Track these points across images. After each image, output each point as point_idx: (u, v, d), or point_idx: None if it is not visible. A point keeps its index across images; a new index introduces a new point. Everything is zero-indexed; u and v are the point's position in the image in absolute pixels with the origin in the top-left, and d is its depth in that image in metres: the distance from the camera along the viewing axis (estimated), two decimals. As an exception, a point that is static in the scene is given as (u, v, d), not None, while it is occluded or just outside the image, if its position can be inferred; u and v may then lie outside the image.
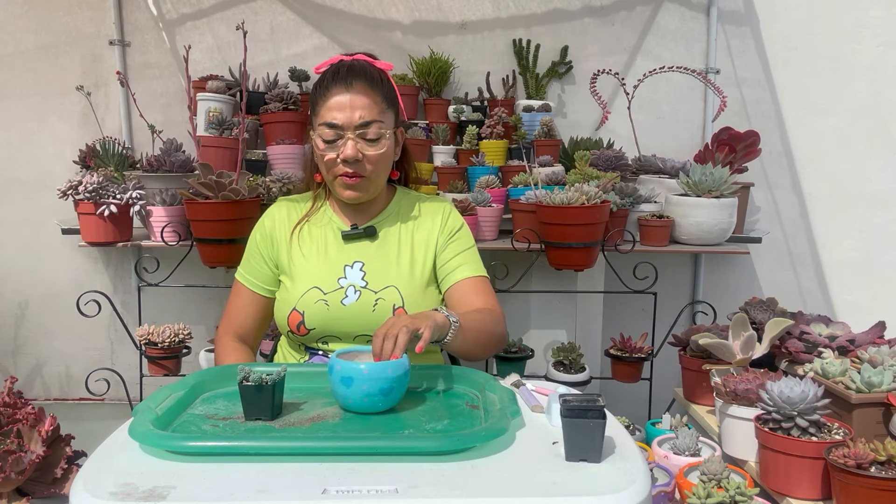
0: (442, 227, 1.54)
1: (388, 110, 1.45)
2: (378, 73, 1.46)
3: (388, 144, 1.45)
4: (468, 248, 1.57)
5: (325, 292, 1.45)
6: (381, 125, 1.42)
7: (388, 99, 1.45)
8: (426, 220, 1.55)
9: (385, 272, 1.47)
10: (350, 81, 1.41)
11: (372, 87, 1.42)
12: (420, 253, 1.51)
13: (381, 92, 1.43)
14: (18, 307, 2.71)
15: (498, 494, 0.88)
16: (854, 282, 2.65)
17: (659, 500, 1.40)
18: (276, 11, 2.62)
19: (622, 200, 2.26)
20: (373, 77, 1.43)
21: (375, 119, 1.41)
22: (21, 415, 1.34)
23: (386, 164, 1.48)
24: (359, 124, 1.40)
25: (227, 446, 0.99)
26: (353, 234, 1.50)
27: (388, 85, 1.47)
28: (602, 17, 2.62)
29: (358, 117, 1.40)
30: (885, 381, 1.45)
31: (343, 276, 1.47)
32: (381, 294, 1.45)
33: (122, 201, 2.22)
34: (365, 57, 1.49)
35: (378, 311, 1.44)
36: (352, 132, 1.41)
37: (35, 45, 2.59)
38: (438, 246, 1.53)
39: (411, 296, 1.46)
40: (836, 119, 2.60)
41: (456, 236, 1.55)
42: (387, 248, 1.51)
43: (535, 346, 2.37)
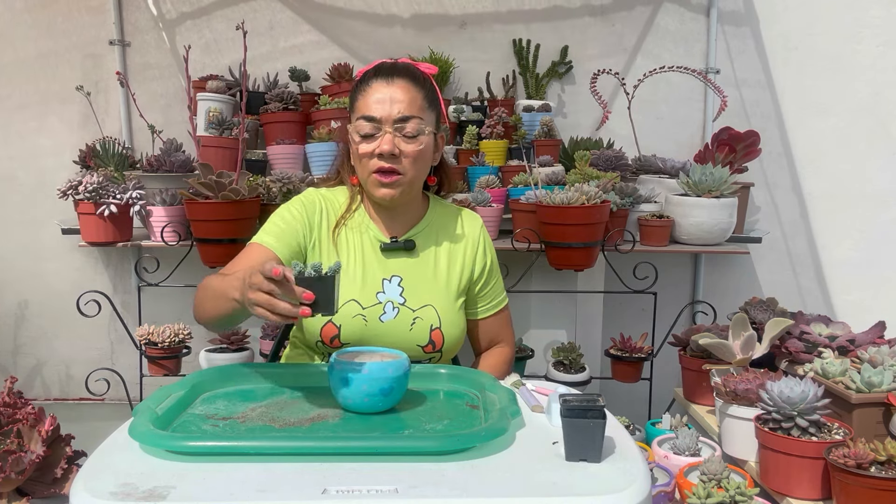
0: (479, 251, 1.53)
1: (430, 110, 1.42)
2: (421, 74, 1.44)
3: (426, 142, 1.40)
4: (498, 275, 1.59)
5: (363, 307, 1.40)
6: (420, 122, 1.38)
7: (430, 99, 1.42)
8: (462, 237, 1.52)
9: (423, 290, 1.44)
10: (392, 77, 1.39)
11: (414, 84, 1.39)
12: (456, 271, 1.49)
13: (422, 90, 1.41)
14: (18, 307, 2.71)
15: (498, 494, 0.88)
16: (854, 282, 2.65)
17: (659, 500, 1.40)
18: (275, 9, 2.61)
19: (622, 200, 2.26)
20: (415, 75, 1.42)
21: (415, 115, 1.37)
22: (21, 415, 1.34)
23: (423, 164, 1.42)
24: (398, 118, 1.36)
25: (227, 446, 0.99)
26: (393, 248, 1.45)
27: (431, 87, 1.45)
28: (602, 16, 2.63)
29: (397, 111, 1.36)
30: (885, 381, 1.45)
31: (381, 290, 1.42)
32: (419, 313, 1.42)
33: (122, 201, 2.22)
34: (409, 60, 1.48)
35: (415, 331, 1.42)
36: (390, 126, 1.36)
37: (35, 47, 2.59)
38: (476, 273, 1.52)
39: (447, 315, 1.45)
40: (836, 119, 2.60)
41: (492, 266, 1.56)
42: (424, 263, 1.47)
43: (535, 346, 2.37)
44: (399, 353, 1.21)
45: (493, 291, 1.57)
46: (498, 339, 1.61)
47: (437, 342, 1.43)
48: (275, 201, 2.17)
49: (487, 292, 1.56)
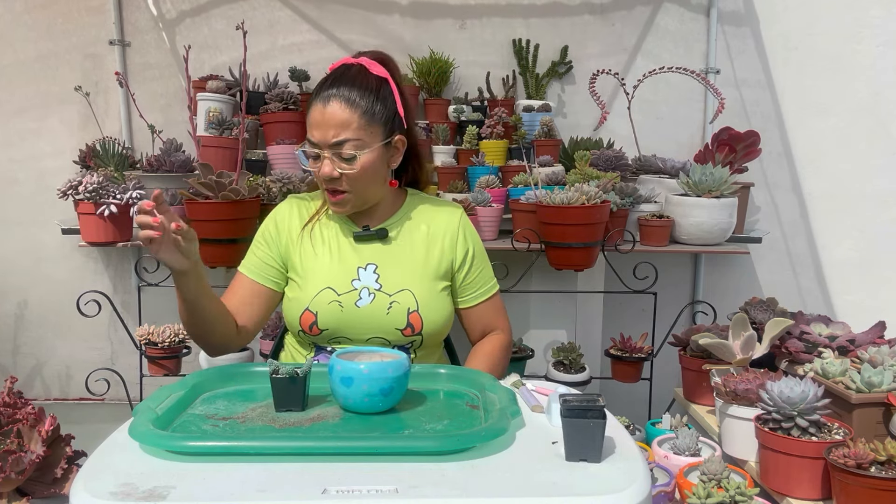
0: (459, 240, 1.54)
1: (373, 124, 1.39)
2: (368, 83, 1.40)
3: (366, 161, 1.40)
4: (485, 262, 1.60)
5: (338, 293, 1.44)
6: (357, 143, 1.38)
7: (373, 112, 1.39)
8: (440, 228, 1.54)
9: (399, 275, 1.47)
10: (328, 98, 1.37)
11: (350, 104, 1.37)
12: (434, 256, 1.51)
13: (362, 107, 1.38)
14: (18, 307, 2.71)
15: (498, 494, 0.88)
16: (854, 282, 2.65)
17: (659, 500, 1.40)
18: (274, 7, 2.61)
19: (622, 200, 2.26)
20: (356, 90, 1.38)
21: (350, 138, 1.37)
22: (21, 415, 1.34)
23: (368, 181, 1.43)
24: (332, 143, 1.38)
25: (227, 446, 0.99)
26: (365, 236, 1.49)
27: (379, 95, 1.41)
28: (602, 16, 2.63)
29: (332, 136, 1.37)
30: (885, 381, 1.45)
31: (357, 277, 1.46)
32: (396, 297, 1.45)
33: (122, 201, 2.22)
34: (366, 61, 1.44)
35: (392, 314, 1.44)
36: (327, 150, 1.39)
37: (35, 47, 2.59)
38: (457, 262, 1.54)
39: (425, 298, 1.46)
40: (836, 119, 2.60)
41: (475, 253, 1.57)
42: (400, 249, 1.50)
43: (535, 346, 2.37)
44: (399, 353, 1.21)
45: (479, 279, 1.58)
46: (492, 327, 1.61)
47: (416, 325, 1.45)
48: (275, 201, 2.17)
49: (473, 280, 1.57)
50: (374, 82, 1.41)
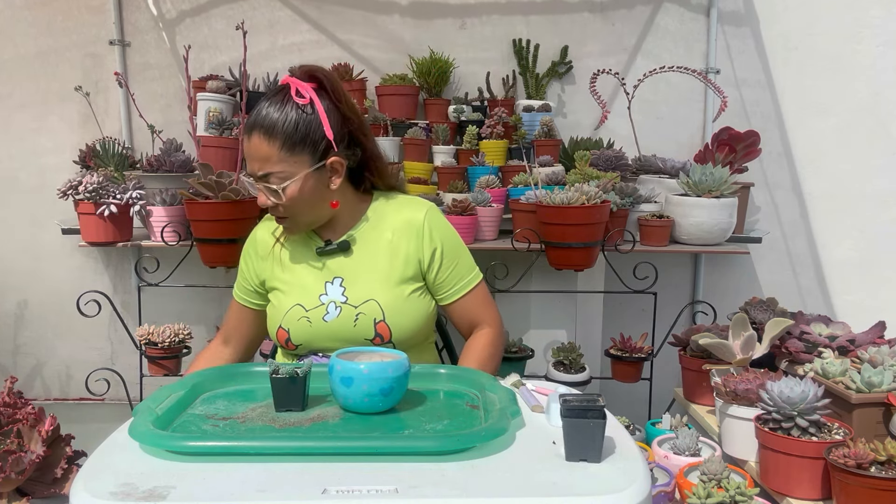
0: (425, 240, 1.49)
1: (296, 154, 1.37)
2: (290, 112, 1.37)
3: (293, 192, 1.38)
4: (459, 256, 1.54)
5: (307, 309, 1.45)
6: (281, 175, 1.38)
7: (295, 142, 1.37)
8: (404, 227, 1.50)
9: (364, 286, 1.46)
10: (250, 131, 1.38)
11: (270, 137, 1.36)
12: (399, 261, 1.48)
13: (281, 137, 1.36)
14: (18, 307, 2.71)
15: (498, 494, 0.88)
16: (854, 282, 2.65)
17: (659, 500, 1.40)
18: (274, 7, 2.61)
19: (622, 200, 2.26)
20: (271, 126, 1.36)
21: (273, 171, 1.37)
22: (21, 415, 1.34)
23: (304, 207, 1.42)
24: (259, 176, 1.39)
25: (227, 446, 0.99)
26: (327, 251, 1.48)
27: (301, 122, 1.37)
28: (602, 15, 2.62)
29: (257, 169, 1.39)
30: (885, 381, 1.45)
31: (324, 292, 1.47)
32: (362, 308, 1.44)
33: (122, 201, 2.22)
34: (296, 82, 1.39)
35: (359, 326, 1.44)
36: (258, 182, 1.41)
37: (35, 45, 2.59)
38: (425, 262, 1.50)
39: (391, 306, 1.44)
40: (836, 119, 2.60)
41: (445, 249, 1.51)
42: (365, 260, 1.48)
43: (535, 346, 2.37)
44: (399, 353, 1.21)
45: (455, 274, 1.53)
46: (478, 321, 1.57)
47: (385, 334, 1.44)
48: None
49: (448, 277, 1.52)
50: (296, 110, 1.37)
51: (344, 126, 1.42)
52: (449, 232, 1.54)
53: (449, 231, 1.55)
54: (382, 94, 2.54)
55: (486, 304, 1.58)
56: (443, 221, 1.55)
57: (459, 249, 1.55)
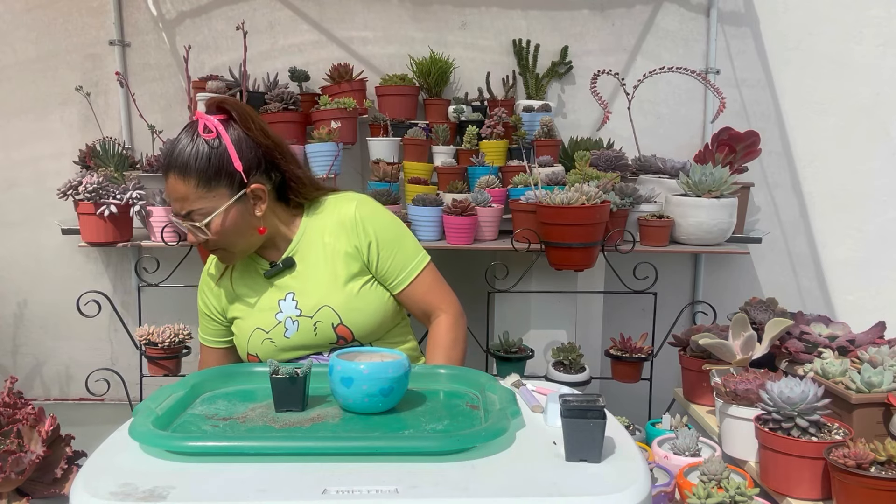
0: (360, 233, 1.48)
1: (213, 189, 1.37)
2: (199, 150, 1.36)
3: (218, 224, 1.39)
4: (399, 243, 1.51)
5: (266, 331, 1.47)
6: (201, 211, 1.38)
7: (209, 177, 1.36)
8: (337, 228, 1.49)
9: (315, 294, 1.46)
10: (166, 173, 1.39)
11: (184, 176, 1.36)
12: (340, 260, 1.48)
13: (195, 176, 1.36)
14: (18, 307, 2.71)
15: (498, 494, 0.88)
16: (854, 282, 2.65)
17: (659, 500, 1.40)
18: (274, 7, 2.62)
19: (622, 200, 2.26)
20: (184, 164, 1.36)
21: (192, 209, 1.38)
22: (21, 415, 1.35)
23: (233, 236, 1.42)
24: (182, 215, 1.40)
25: (227, 446, 0.99)
26: (274, 272, 1.49)
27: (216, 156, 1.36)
28: (602, 14, 2.62)
29: (179, 208, 1.40)
30: (885, 381, 1.45)
31: (279, 310, 1.47)
32: (317, 317, 1.45)
33: (122, 201, 2.22)
34: (203, 117, 1.38)
35: (320, 334, 1.45)
36: (184, 221, 1.41)
37: (35, 48, 2.59)
38: (363, 252, 1.48)
39: (344, 306, 1.45)
40: (836, 119, 2.60)
41: (381, 240, 1.49)
42: (311, 269, 1.49)
43: (535, 346, 2.37)
44: (399, 354, 1.21)
45: (397, 263, 1.50)
46: (431, 307, 1.54)
47: (346, 335, 1.46)
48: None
49: (391, 266, 1.50)
50: (204, 146, 1.37)
51: (258, 153, 1.41)
52: (383, 220, 1.52)
53: (383, 220, 1.52)
54: (382, 94, 2.54)
55: (436, 288, 1.55)
56: (374, 211, 1.52)
57: (398, 236, 1.52)
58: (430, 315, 1.55)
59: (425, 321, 1.58)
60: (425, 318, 1.57)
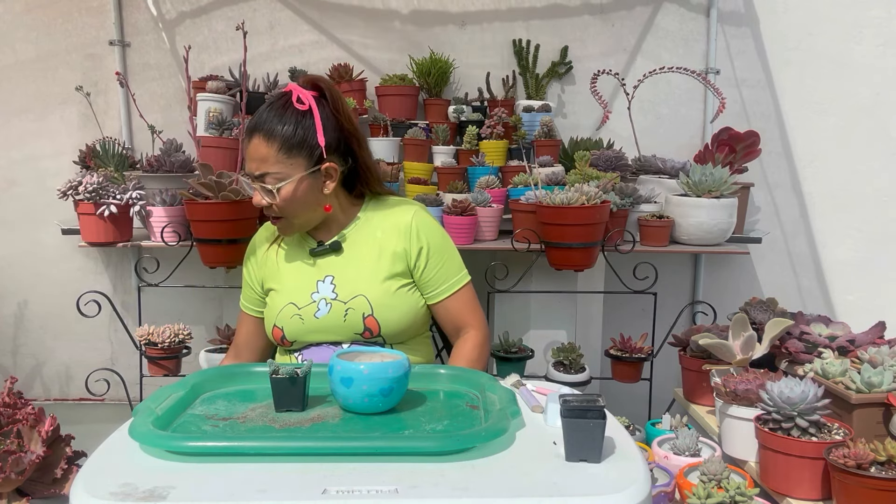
0: (412, 239, 1.53)
1: (292, 157, 1.43)
2: (288, 116, 1.43)
3: (287, 193, 1.44)
4: (446, 257, 1.57)
5: (299, 307, 1.50)
6: (276, 176, 1.43)
7: (291, 144, 1.43)
8: (393, 227, 1.54)
9: (354, 282, 1.50)
10: (252, 132, 1.44)
11: (269, 139, 1.42)
12: (386, 258, 1.52)
13: (279, 140, 1.42)
14: (18, 307, 2.71)
15: (498, 494, 0.88)
16: (854, 282, 2.65)
17: (659, 500, 1.40)
18: (274, 8, 2.62)
19: (622, 200, 2.26)
20: (271, 129, 1.42)
21: (269, 171, 1.43)
22: (21, 415, 1.35)
23: (297, 208, 1.47)
24: (256, 175, 1.44)
25: (227, 446, 0.99)
26: (319, 251, 1.54)
27: (299, 127, 1.43)
28: (602, 16, 2.63)
29: (255, 169, 1.44)
30: (885, 381, 1.45)
31: (315, 290, 1.51)
32: (350, 304, 1.48)
33: (122, 201, 2.22)
34: (297, 89, 1.45)
35: (349, 321, 1.48)
36: (255, 182, 1.46)
37: (35, 48, 2.59)
38: (412, 259, 1.53)
39: (380, 301, 1.48)
40: (836, 119, 2.60)
41: (432, 249, 1.54)
42: (355, 258, 1.53)
43: (535, 347, 2.37)
44: (399, 354, 1.21)
45: (441, 274, 1.55)
46: (463, 323, 1.59)
47: (374, 328, 1.48)
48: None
49: (434, 276, 1.55)
50: (296, 115, 1.44)
51: (340, 135, 1.48)
52: (436, 233, 1.58)
53: (436, 232, 1.58)
54: (382, 94, 2.54)
55: (472, 307, 1.60)
56: (431, 222, 1.58)
57: (447, 250, 1.58)
58: (461, 330, 1.60)
59: (453, 335, 1.62)
60: (455, 332, 1.61)
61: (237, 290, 2.41)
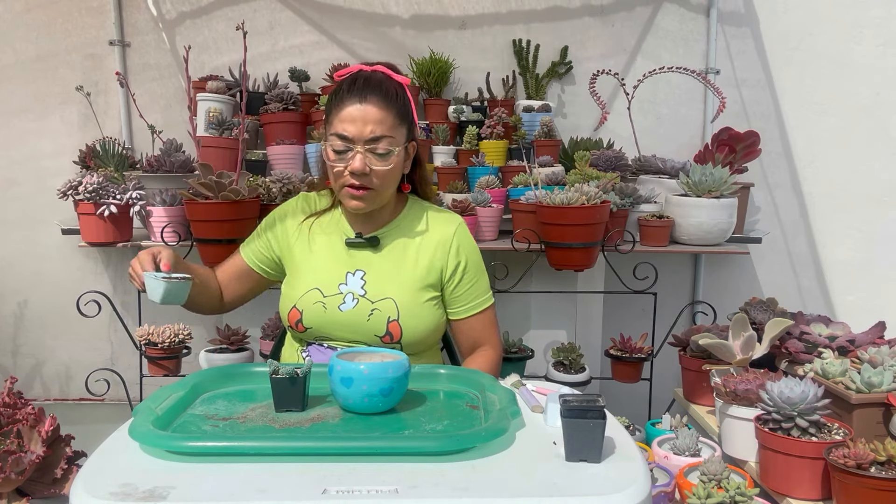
0: (452, 250, 1.53)
1: (401, 126, 1.44)
2: (395, 88, 1.44)
3: (396, 160, 1.44)
4: (479, 276, 1.58)
5: (324, 295, 1.48)
6: (391, 141, 1.42)
7: (402, 115, 1.44)
8: (434, 237, 1.54)
9: (384, 283, 1.48)
10: (365, 94, 1.40)
11: (386, 102, 1.41)
12: (422, 267, 1.51)
13: (395, 107, 1.42)
14: (18, 307, 2.71)
15: (498, 494, 0.88)
16: (854, 282, 2.65)
17: (659, 500, 1.40)
18: (274, 9, 2.62)
19: (622, 201, 2.26)
20: (388, 91, 1.42)
21: (386, 134, 1.41)
22: (21, 415, 1.35)
23: (393, 179, 1.48)
24: (369, 139, 1.40)
25: (227, 446, 0.99)
26: (356, 243, 1.51)
27: (404, 100, 1.46)
28: (602, 17, 2.63)
29: (369, 132, 1.40)
30: (885, 381, 1.45)
31: (344, 282, 1.49)
32: (378, 305, 1.46)
33: (122, 201, 2.22)
34: (385, 69, 1.47)
35: (372, 321, 1.46)
36: (361, 146, 1.40)
37: (35, 48, 2.59)
38: (447, 274, 1.53)
39: (407, 308, 1.47)
40: (836, 119, 2.60)
41: (468, 266, 1.55)
42: (390, 258, 1.51)
43: (535, 347, 2.37)
44: (399, 354, 1.21)
45: (471, 292, 1.56)
46: (481, 342, 1.60)
47: (395, 334, 1.46)
48: (275, 201, 2.17)
49: (465, 293, 1.55)
50: (398, 88, 1.45)
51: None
52: (475, 251, 1.58)
53: (475, 250, 1.59)
54: (382, 94, 2.54)
55: (493, 328, 1.61)
56: (471, 240, 1.59)
57: (480, 270, 1.59)
58: (477, 348, 1.60)
59: (468, 352, 1.62)
60: (470, 349, 1.61)
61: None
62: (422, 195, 1.64)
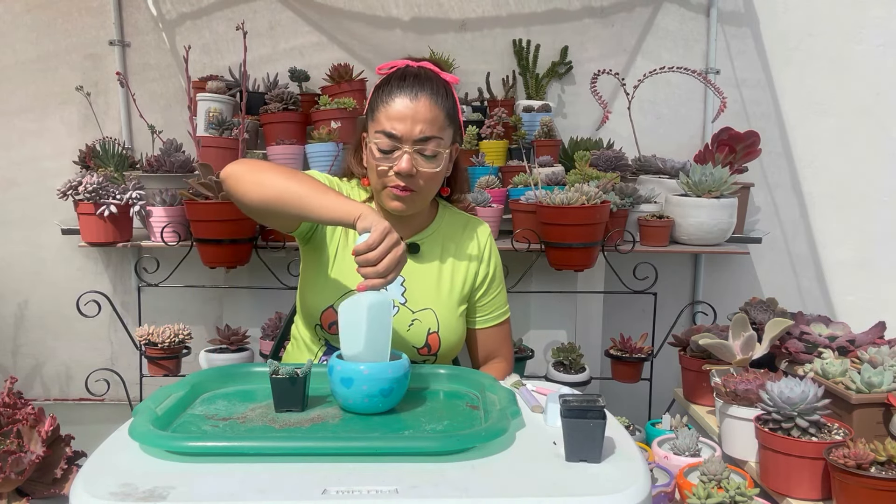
0: (482, 263, 1.51)
1: (449, 127, 1.37)
2: (444, 86, 1.37)
3: (445, 162, 1.37)
4: (501, 286, 1.56)
5: None
6: (439, 142, 1.34)
7: (451, 115, 1.37)
8: (469, 245, 1.51)
9: (425, 293, 1.44)
10: (416, 92, 1.32)
11: (437, 101, 1.33)
12: (459, 279, 1.48)
13: (445, 107, 1.35)
14: (18, 307, 2.71)
15: (498, 494, 0.88)
16: (854, 282, 2.65)
17: (659, 500, 1.40)
18: (275, 10, 2.62)
19: (622, 201, 2.26)
20: (439, 90, 1.35)
21: (435, 135, 1.33)
22: (21, 415, 1.34)
23: (438, 182, 1.41)
24: (418, 139, 1.32)
25: (227, 446, 0.99)
26: None
27: (453, 100, 1.39)
28: (602, 17, 2.63)
29: (419, 131, 1.32)
30: (885, 381, 1.45)
31: None
32: (419, 315, 1.42)
33: (122, 201, 2.22)
34: (432, 66, 1.39)
35: (412, 332, 1.42)
36: (409, 146, 1.33)
37: (35, 48, 2.59)
38: (479, 281, 1.51)
39: (446, 321, 1.44)
40: (836, 119, 2.60)
41: (496, 276, 1.53)
42: (429, 267, 1.47)
43: (535, 347, 2.37)
44: (399, 354, 1.21)
45: (494, 302, 1.54)
46: (496, 353, 1.58)
47: (434, 346, 1.43)
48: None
49: (488, 302, 1.53)
50: (447, 86, 1.38)
51: None
52: (499, 260, 1.57)
53: (499, 260, 1.57)
54: (382, 94, 2.54)
55: (508, 340, 1.60)
56: (496, 251, 1.57)
57: (503, 280, 1.58)
58: (490, 359, 1.58)
59: (481, 362, 1.59)
60: (484, 359, 1.58)
61: (237, 290, 2.43)
62: (455, 200, 1.58)
